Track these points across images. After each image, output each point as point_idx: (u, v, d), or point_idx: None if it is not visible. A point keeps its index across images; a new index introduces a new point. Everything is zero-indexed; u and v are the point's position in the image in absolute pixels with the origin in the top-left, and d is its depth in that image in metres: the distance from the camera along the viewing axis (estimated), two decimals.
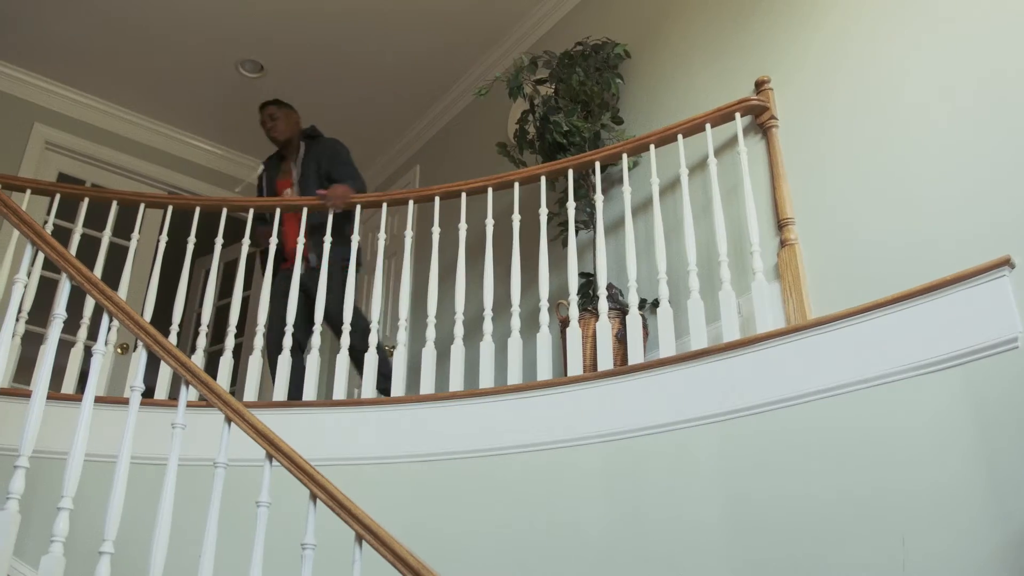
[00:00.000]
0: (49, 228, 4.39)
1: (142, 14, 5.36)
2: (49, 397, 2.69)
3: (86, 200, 4.31)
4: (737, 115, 3.67)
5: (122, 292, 4.03)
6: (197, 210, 4.36)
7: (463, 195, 4.12)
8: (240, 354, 5.55)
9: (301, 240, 4.16)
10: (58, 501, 2.47)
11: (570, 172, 3.96)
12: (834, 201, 3.40)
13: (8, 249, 4.05)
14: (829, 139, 3.49)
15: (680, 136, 3.74)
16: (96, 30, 5.46)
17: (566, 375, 3.55)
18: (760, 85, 3.75)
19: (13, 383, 3.95)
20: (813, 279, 3.37)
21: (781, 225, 3.51)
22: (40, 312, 4.26)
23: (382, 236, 4.15)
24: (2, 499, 2.50)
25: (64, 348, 3.74)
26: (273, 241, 4.15)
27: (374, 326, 3.90)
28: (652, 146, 3.81)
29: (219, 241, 4.27)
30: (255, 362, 3.93)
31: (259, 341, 3.97)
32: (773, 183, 3.61)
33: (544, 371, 3.55)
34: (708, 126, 3.70)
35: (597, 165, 3.91)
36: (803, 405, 2.89)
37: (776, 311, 3.38)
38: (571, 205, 3.87)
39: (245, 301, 5.76)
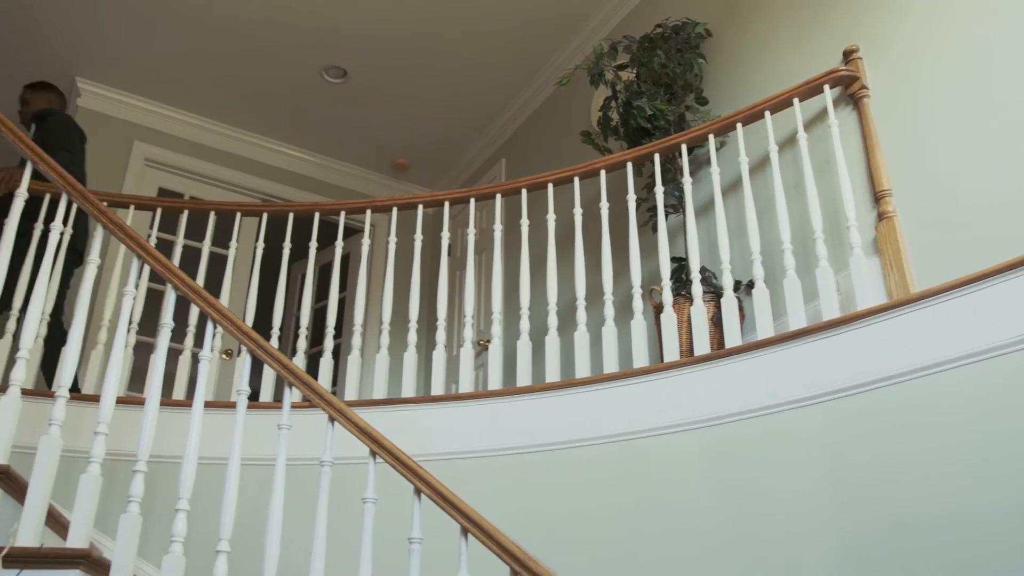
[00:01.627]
0: (153, 241, 4.56)
1: (228, 32, 5.52)
2: (161, 404, 2.79)
3: (186, 212, 4.46)
4: (826, 87, 3.57)
5: (224, 299, 4.15)
6: (291, 216, 4.46)
7: (550, 186, 4.12)
8: (339, 354, 5.67)
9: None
10: (175, 503, 2.56)
11: (656, 156, 3.92)
12: (933, 170, 3.29)
13: (116, 264, 4.22)
14: (925, 106, 3.37)
15: (767, 113, 3.67)
16: (185, 49, 5.65)
17: (662, 361, 3.52)
18: (849, 55, 3.64)
19: (128, 391, 4.11)
20: (914, 252, 3.27)
21: (878, 197, 3.41)
22: (148, 322, 4.43)
23: (471, 231, 4.18)
24: (124, 503, 2.60)
25: (172, 356, 3.89)
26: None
27: (468, 320, 3.93)
28: (739, 125, 3.74)
29: (313, 245, 4.37)
30: (354, 361, 4.01)
31: (356, 340, 4.05)
32: (867, 155, 3.51)
33: (640, 358, 3.52)
34: (796, 100, 3.61)
35: (684, 148, 3.86)
36: (909, 382, 2.80)
37: (877, 286, 3.28)
38: (659, 189, 3.83)
39: (341, 303, 5.88)
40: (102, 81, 5.92)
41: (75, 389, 3.54)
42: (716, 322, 3.62)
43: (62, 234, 3.50)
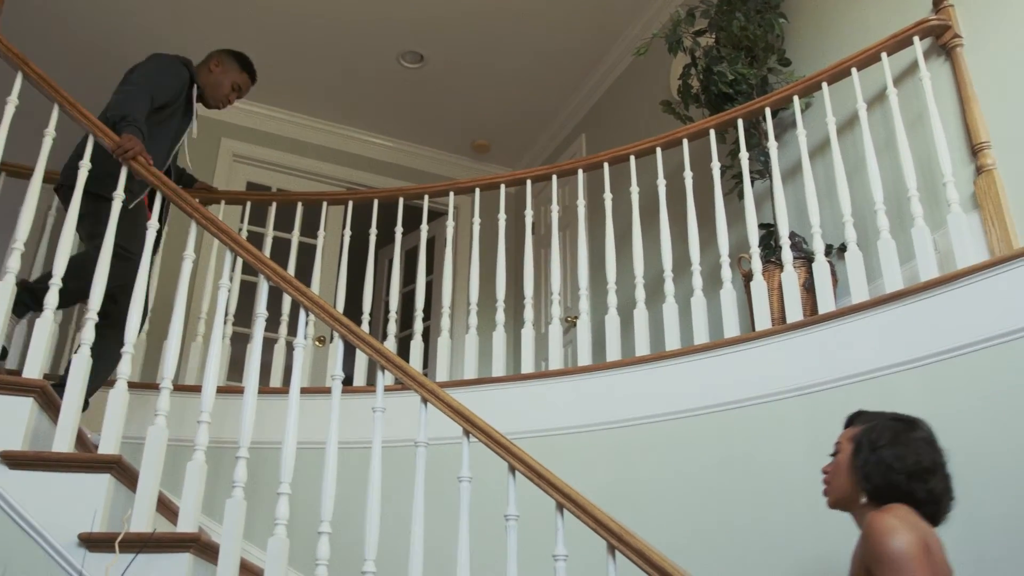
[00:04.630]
0: (244, 234, 4.68)
1: (303, 24, 5.59)
2: (259, 392, 2.86)
3: (274, 204, 4.56)
4: (916, 39, 3.43)
5: (314, 287, 4.24)
6: (375, 202, 4.52)
7: (632, 158, 4.07)
8: (429, 337, 5.73)
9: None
10: (277, 487, 2.63)
11: (739, 122, 3.84)
12: None
13: (210, 258, 4.35)
14: (1022, 51, 3.21)
15: (854, 70, 3.55)
16: (264, 44, 5.74)
17: (753, 330, 3.45)
18: (939, 3, 3.49)
19: (227, 381, 4.24)
20: (1017, 205, 3.12)
21: (975, 151, 3.27)
22: (243, 313, 4.55)
23: (555, 208, 4.16)
24: (228, 489, 2.68)
25: (267, 345, 3.99)
26: None
27: (555, 298, 3.92)
28: (824, 84, 3.63)
29: (399, 230, 4.41)
30: (444, 343, 4.04)
31: (445, 322, 4.08)
32: (963, 106, 3.36)
33: (731, 328, 3.47)
34: (884, 55, 3.48)
35: (767, 111, 3.77)
36: (1016, 342, 2.69)
37: (978, 243, 3.15)
38: (743, 155, 3.75)
39: (428, 286, 5.94)
40: None
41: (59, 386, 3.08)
42: (808, 288, 3.53)
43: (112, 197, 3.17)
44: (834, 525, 2.85)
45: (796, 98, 3.71)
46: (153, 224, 3.11)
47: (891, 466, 2.12)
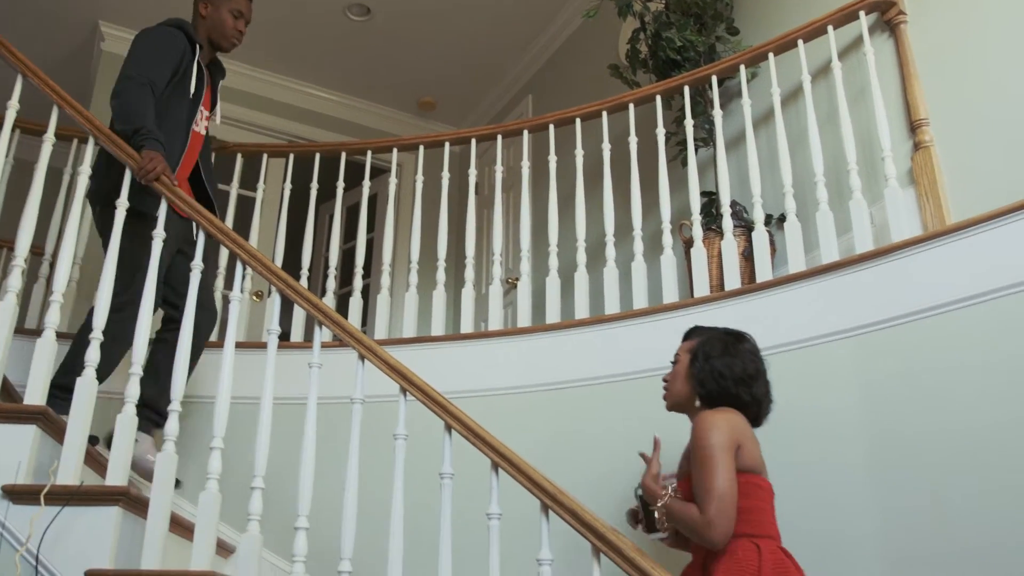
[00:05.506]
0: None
1: None
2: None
3: (212, 155, 4.45)
4: (861, 13, 3.46)
5: (252, 241, 4.18)
6: (317, 157, 4.45)
7: (577, 121, 4.06)
8: (368, 294, 5.68)
9: None
10: (210, 442, 2.60)
11: (686, 89, 3.85)
12: (971, 98, 3.20)
13: None
14: (964, 32, 3.26)
15: (800, 41, 3.57)
16: None
17: (692, 296, 3.49)
18: None
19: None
20: (952, 182, 3.19)
21: (914, 127, 3.33)
22: None
23: (499, 169, 4.15)
24: (159, 443, 2.64)
25: None
26: None
27: (496, 259, 3.91)
28: (771, 55, 3.65)
29: (340, 185, 4.36)
30: (383, 301, 4.02)
31: (385, 280, 4.05)
32: (904, 83, 3.41)
33: (670, 294, 3.50)
34: (830, 28, 3.52)
35: (714, 79, 3.78)
36: (944, 315, 2.76)
37: (912, 218, 3.21)
38: (689, 123, 3.77)
39: (369, 243, 5.88)
40: (126, 24, 5.86)
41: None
42: (747, 256, 3.58)
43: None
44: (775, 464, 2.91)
45: (743, 67, 3.73)
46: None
47: (722, 373, 2.47)
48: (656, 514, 2.38)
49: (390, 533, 2.40)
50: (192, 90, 3.45)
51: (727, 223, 3.50)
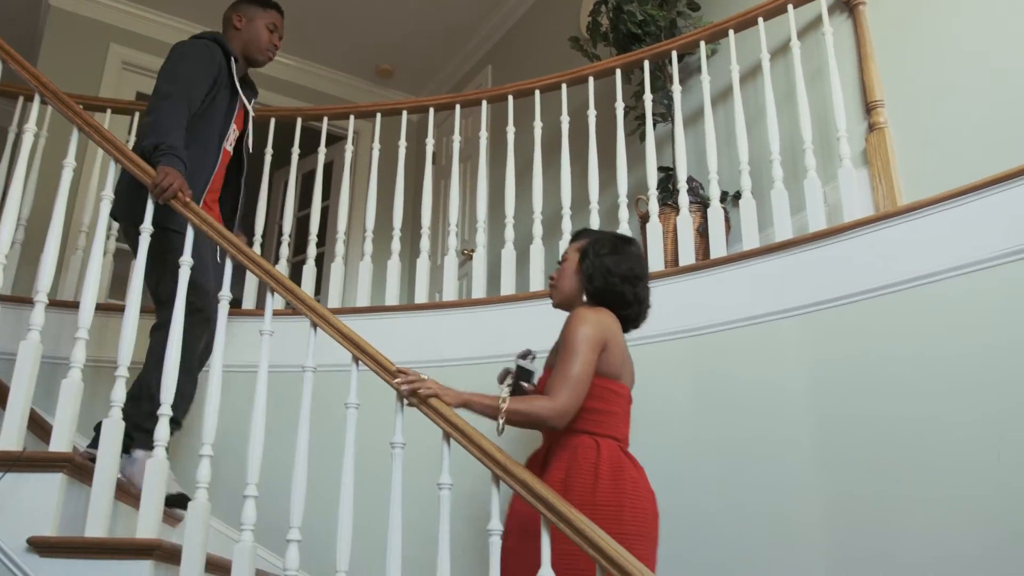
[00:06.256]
0: (131, 146, 4.47)
1: None
2: (142, 311, 2.76)
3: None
4: None
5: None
6: (272, 122, 4.38)
7: (536, 92, 4.04)
8: (322, 262, 5.63)
9: None
10: (158, 409, 2.56)
11: (646, 63, 3.84)
12: (926, 81, 3.24)
13: (94, 168, 4.15)
14: (921, 16, 3.30)
15: (760, 19, 3.58)
16: None
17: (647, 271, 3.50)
18: None
19: (108, 299, 4.08)
20: (904, 164, 3.23)
21: (869, 108, 3.36)
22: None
23: (456, 139, 4.12)
24: (106, 409, 2.60)
25: None
26: None
27: (452, 229, 3.89)
28: (731, 31, 3.66)
29: (295, 151, 4.30)
30: (337, 269, 3.98)
31: (340, 248, 4.01)
32: (861, 64, 3.44)
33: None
34: (791, 7, 3.53)
35: (674, 55, 3.78)
36: (895, 293, 2.80)
37: (865, 198, 3.26)
38: (648, 97, 3.77)
39: (324, 211, 5.81)
40: None
41: None
42: (702, 232, 3.60)
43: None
44: (715, 441, 2.96)
45: (703, 43, 3.73)
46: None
47: (610, 270, 2.58)
48: (498, 425, 2.45)
49: (340, 502, 2.39)
50: (225, 106, 3.32)
51: (683, 199, 3.52)
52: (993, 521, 2.41)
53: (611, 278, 2.57)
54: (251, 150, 3.62)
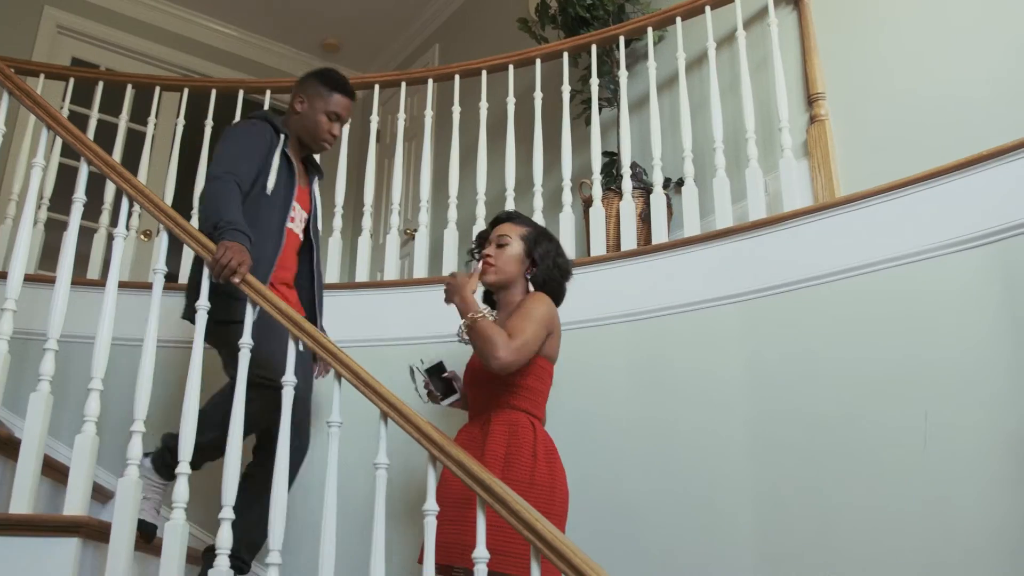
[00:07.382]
0: (65, 113, 4.34)
1: None
2: (74, 283, 2.68)
3: (101, 84, 4.24)
4: None
5: (142, 177, 4.01)
6: (213, 93, 4.29)
7: (483, 73, 4.02)
8: None
9: None
10: (88, 383, 2.50)
11: (593, 47, 3.84)
12: (867, 76, 3.30)
13: (25, 134, 4.02)
14: (863, 11, 3.35)
15: (708, 8, 3.61)
16: None
17: (589, 255, 3.52)
18: None
19: (38, 270, 3.97)
20: (843, 156, 3.29)
21: (811, 100, 3.41)
22: (61, 200, 4.24)
23: (401, 117, 4.08)
24: (35, 383, 2.53)
25: (87, 235, 3.75)
26: None
27: (395, 208, 3.86)
28: (679, 19, 3.68)
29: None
30: None
31: None
32: (804, 57, 3.49)
33: (567, 251, 3.51)
34: None
35: (621, 40, 3.79)
36: (831, 283, 2.86)
37: (804, 189, 3.31)
38: (594, 82, 3.77)
39: None
40: None
41: None
42: (644, 218, 3.62)
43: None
44: (652, 426, 2.99)
45: (650, 30, 3.74)
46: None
47: (563, 270, 2.79)
48: (460, 328, 2.62)
49: (274, 481, 2.36)
50: (273, 183, 3.00)
51: (627, 184, 3.53)
52: (922, 516, 2.48)
53: (561, 277, 2.80)
54: (319, 231, 3.30)
